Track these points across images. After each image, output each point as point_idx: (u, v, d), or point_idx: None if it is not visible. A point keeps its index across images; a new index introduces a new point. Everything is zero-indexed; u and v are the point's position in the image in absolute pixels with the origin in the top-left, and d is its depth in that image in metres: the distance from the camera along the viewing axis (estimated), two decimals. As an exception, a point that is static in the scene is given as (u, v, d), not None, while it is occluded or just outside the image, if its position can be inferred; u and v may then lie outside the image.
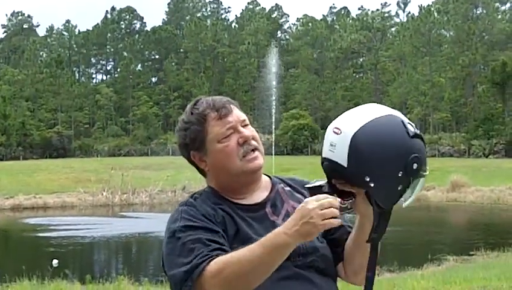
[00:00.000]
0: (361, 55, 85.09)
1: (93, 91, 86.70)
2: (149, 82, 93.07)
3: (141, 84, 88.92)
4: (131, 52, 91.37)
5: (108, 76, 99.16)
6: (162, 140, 69.82)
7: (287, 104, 74.54)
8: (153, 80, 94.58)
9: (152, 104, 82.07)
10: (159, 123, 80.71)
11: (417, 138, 1.71)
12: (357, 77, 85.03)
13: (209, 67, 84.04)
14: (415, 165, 1.69)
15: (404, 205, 1.74)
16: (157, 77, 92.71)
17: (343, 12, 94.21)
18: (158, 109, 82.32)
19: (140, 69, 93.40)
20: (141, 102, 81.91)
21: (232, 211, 1.89)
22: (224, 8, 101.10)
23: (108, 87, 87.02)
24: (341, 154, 1.69)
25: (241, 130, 1.93)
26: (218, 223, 1.85)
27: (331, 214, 1.67)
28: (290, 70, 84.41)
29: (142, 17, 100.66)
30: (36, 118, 75.05)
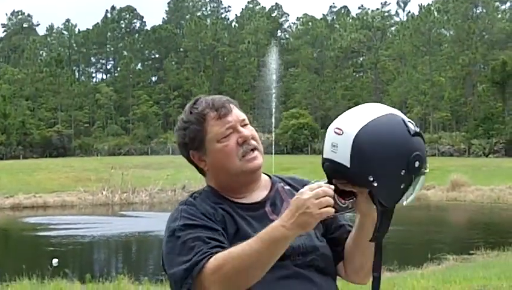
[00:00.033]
0: (361, 55, 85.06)
1: (93, 90, 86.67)
2: (149, 81, 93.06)
3: (141, 83, 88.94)
4: (131, 51, 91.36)
5: (108, 75, 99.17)
6: (162, 139, 69.81)
7: (287, 103, 74.54)
8: (153, 79, 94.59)
9: (152, 103, 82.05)
10: (159, 122, 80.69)
11: (418, 136, 1.73)
12: (357, 76, 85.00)
13: (209, 67, 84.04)
14: (416, 163, 1.70)
15: (405, 203, 1.75)
16: (157, 76, 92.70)
17: (343, 12, 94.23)
18: (158, 108, 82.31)
19: (140, 68, 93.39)
20: (141, 101, 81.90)
21: (232, 210, 1.89)
22: (224, 7, 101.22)
23: (108, 86, 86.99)
24: (343, 154, 1.69)
25: (241, 129, 1.93)
26: (218, 222, 1.85)
27: (327, 203, 1.67)
28: (290, 69, 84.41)
29: (142, 16, 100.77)
30: (36, 117, 75.03)
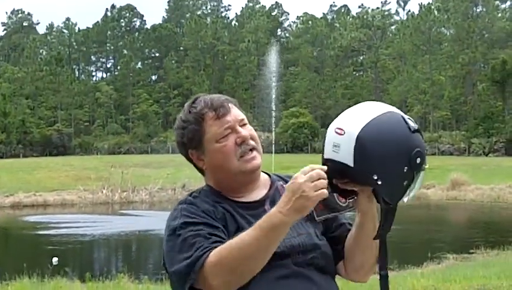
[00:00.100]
0: (362, 53, 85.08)
1: (93, 89, 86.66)
2: (149, 80, 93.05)
3: (141, 82, 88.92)
4: (131, 50, 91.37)
5: (108, 74, 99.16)
6: (162, 138, 69.82)
7: (287, 102, 74.53)
8: (153, 77, 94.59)
9: (152, 102, 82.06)
10: (159, 121, 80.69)
11: (417, 132, 1.74)
12: (357, 75, 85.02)
13: (209, 65, 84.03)
14: (418, 160, 1.71)
15: (405, 199, 1.76)
16: (157, 74, 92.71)
17: (343, 11, 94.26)
18: (158, 106, 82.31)
19: (140, 67, 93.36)
20: (141, 100, 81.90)
21: (232, 209, 1.89)
22: (224, 6, 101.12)
23: (108, 85, 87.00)
24: (346, 154, 1.69)
25: (239, 129, 1.93)
26: (219, 220, 1.85)
27: (322, 185, 1.67)
28: (290, 68, 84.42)
29: (142, 15, 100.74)
30: (36, 116, 75.02)
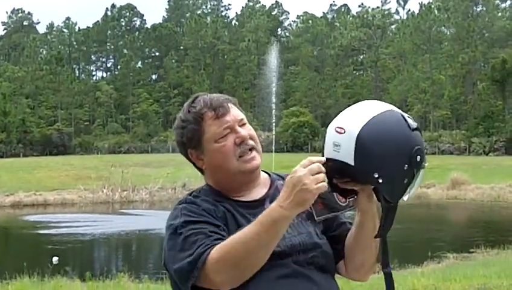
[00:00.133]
0: (362, 53, 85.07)
1: (93, 88, 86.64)
2: (149, 79, 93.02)
3: (141, 82, 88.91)
4: (132, 49, 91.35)
5: (109, 73, 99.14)
6: (162, 137, 69.83)
7: (287, 101, 74.54)
8: (153, 77, 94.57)
9: (152, 101, 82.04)
10: (159, 120, 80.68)
11: (417, 130, 1.74)
12: (357, 74, 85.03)
13: (209, 65, 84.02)
14: (418, 158, 1.71)
15: (405, 198, 1.76)
16: (158, 74, 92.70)
17: (344, 10, 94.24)
18: (158, 106, 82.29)
19: (140, 67, 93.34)
20: (141, 99, 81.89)
21: (233, 208, 1.89)
22: (225, 6, 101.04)
23: (108, 84, 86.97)
24: (347, 153, 1.69)
25: (238, 129, 1.92)
26: (219, 218, 1.85)
27: (322, 178, 1.67)
28: (290, 67, 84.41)
29: (142, 15, 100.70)
30: (36, 115, 75.02)
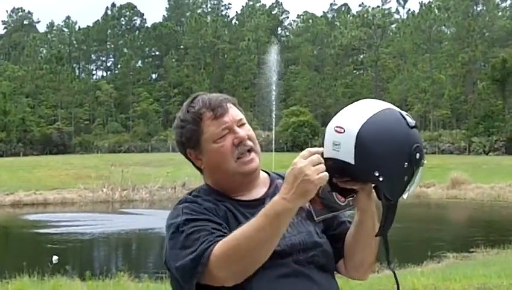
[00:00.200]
0: (362, 52, 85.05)
1: (93, 87, 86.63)
2: (149, 78, 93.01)
3: (141, 81, 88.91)
4: (132, 48, 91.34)
5: (109, 72, 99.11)
6: (162, 137, 69.86)
7: (287, 100, 74.54)
8: (153, 76, 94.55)
9: (152, 100, 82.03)
10: (159, 120, 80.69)
11: (415, 128, 1.75)
12: (358, 73, 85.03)
13: (209, 64, 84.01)
14: (417, 155, 1.72)
15: (405, 196, 1.76)
16: (158, 73, 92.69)
17: (344, 9, 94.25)
18: (158, 105, 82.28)
19: (140, 66, 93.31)
20: (141, 98, 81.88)
21: (234, 207, 1.89)
22: (225, 5, 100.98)
23: (108, 83, 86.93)
24: (347, 152, 1.69)
25: (237, 130, 1.92)
26: (220, 217, 1.85)
27: (323, 169, 1.68)
28: (290, 67, 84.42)
29: (143, 14, 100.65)
30: (36, 114, 75.05)
